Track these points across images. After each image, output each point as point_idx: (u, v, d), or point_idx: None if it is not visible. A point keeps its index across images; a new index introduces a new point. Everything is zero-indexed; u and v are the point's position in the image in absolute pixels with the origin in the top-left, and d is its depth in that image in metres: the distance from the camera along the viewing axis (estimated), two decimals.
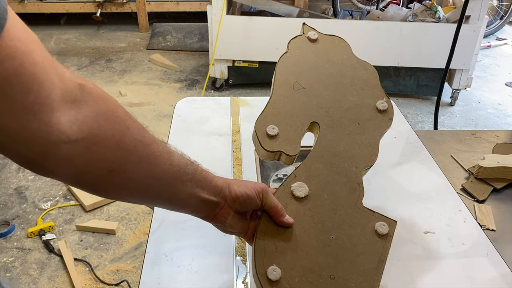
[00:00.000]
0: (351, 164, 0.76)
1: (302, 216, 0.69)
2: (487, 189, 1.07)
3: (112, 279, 1.82)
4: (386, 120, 0.84)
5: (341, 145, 0.79)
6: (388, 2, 4.32)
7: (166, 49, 4.04)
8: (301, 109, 0.83)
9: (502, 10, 4.49)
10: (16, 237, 2.01)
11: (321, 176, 0.75)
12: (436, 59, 3.04)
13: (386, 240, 0.68)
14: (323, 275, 0.64)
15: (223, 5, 2.97)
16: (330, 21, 3.42)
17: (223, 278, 0.75)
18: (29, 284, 1.79)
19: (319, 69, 0.90)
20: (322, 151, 0.78)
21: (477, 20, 2.94)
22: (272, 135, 0.77)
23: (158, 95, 3.27)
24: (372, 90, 0.88)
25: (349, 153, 0.78)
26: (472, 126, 2.99)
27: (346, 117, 0.83)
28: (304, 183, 0.72)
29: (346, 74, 0.91)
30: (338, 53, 0.95)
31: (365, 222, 0.70)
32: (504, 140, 1.28)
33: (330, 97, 0.85)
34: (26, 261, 1.89)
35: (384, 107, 0.85)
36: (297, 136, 0.79)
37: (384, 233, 0.69)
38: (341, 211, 0.71)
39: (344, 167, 0.76)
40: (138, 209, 2.17)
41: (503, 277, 0.77)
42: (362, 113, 0.84)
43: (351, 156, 0.78)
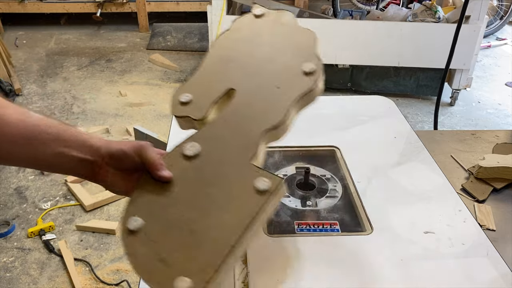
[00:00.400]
0: (252, 126, 0.74)
1: (186, 173, 0.68)
2: (487, 189, 1.07)
3: (112, 279, 1.82)
4: (311, 82, 0.78)
5: (251, 109, 0.76)
6: (388, 2, 4.32)
7: (166, 49, 4.04)
8: (221, 77, 0.81)
9: (502, 10, 4.49)
10: (16, 237, 2.01)
11: (219, 138, 0.73)
12: (436, 59, 3.04)
13: (265, 196, 0.64)
14: (184, 229, 0.62)
15: (223, 5, 2.97)
16: (330, 21, 3.42)
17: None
18: (29, 284, 1.79)
19: (254, 41, 0.87)
20: (228, 115, 0.76)
21: (477, 20, 2.94)
22: (184, 102, 0.77)
23: (158, 95, 3.27)
24: (303, 54, 0.83)
25: (256, 116, 0.75)
26: (472, 126, 2.99)
27: (266, 82, 0.79)
28: (196, 143, 0.71)
29: (280, 42, 0.87)
30: (280, 25, 0.90)
31: (247, 179, 0.66)
32: (504, 140, 1.28)
33: (255, 65, 0.83)
34: (26, 261, 1.89)
35: (312, 69, 0.78)
36: (208, 102, 0.77)
37: (263, 189, 0.64)
38: (227, 169, 0.69)
39: (245, 128, 0.74)
40: None
41: (503, 277, 0.77)
42: (285, 77, 0.80)
43: (255, 117, 0.75)
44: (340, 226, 0.89)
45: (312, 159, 1.09)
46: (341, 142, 1.12)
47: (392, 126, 1.21)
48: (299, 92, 0.77)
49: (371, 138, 1.15)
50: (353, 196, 0.96)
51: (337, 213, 0.93)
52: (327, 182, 1.02)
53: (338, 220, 0.91)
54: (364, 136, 1.16)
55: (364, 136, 1.16)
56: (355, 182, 0.98)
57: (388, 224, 0.86)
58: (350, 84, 3.31)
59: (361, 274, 0.76)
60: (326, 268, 0.77)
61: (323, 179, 1.02)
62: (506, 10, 4.48)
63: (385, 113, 1.28)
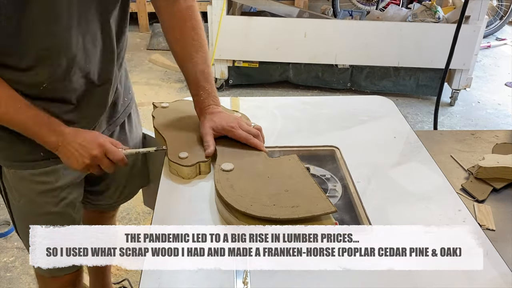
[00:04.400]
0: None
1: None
2: (486, 189, 1.07)
3: (113, 278, 1.82)
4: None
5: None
6: (388, 2, 4.33)
7: (167, 49, 4.04)
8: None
9: (502, 10, 4.49)
10: (17, 237, 2.00)
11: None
12: (436, 59, 3.05)
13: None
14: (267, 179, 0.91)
15: (223, 5, 2.97)
16: (330, 21, 3.42)
17: (223, 278, 0.76)
18: (30, 284, 1.79)
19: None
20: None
21: (477, 20, 2.94)
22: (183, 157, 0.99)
23: (158, 95, 3.28)
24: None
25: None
26: (472, 126, 3.00)
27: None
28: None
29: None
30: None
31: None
32: (504, 140, 1.28)
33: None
34: (26, 261, 1.89)
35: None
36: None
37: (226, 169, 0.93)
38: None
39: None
40: (139, 209, 2.17)
41: (503, 277, 0.77)
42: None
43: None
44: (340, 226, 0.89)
45: (312, 159, 1.09)
46: (341, 142, 1.13)
47: (392, 126, 1.21)
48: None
49: (371, 138, 1.15)
50: (353, 196, 0.96)
51: (337, 213, 0.93)
52: (327, 182, 1.02)
53: (338, 220, 0.91)
54: (364, 136, 1.16)
55: (364, 136, 1.16)
56: (355, 182, 0.99)
57: (388, 224, 0.87)
58: (350, 84, 3.32)
59: (361, 274, 0.76)
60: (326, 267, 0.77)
61: (323, 179, 1.03)
62: (506, 10, 4.48)
63: (385, 113, 1.29)
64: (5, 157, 0.99)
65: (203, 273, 0.76)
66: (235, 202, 0.84)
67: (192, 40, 1.04)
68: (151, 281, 0.75)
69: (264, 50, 3.17)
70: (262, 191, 0.87)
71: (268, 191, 0.87)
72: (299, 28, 3.09)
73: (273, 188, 0.88)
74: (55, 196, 1.03)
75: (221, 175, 0.92)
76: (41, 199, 1.02)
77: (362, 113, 1.27)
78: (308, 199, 0.84)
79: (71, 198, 1.07)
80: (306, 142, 1.13)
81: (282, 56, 3.19)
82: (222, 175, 0.92)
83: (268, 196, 0.85)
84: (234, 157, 0.98)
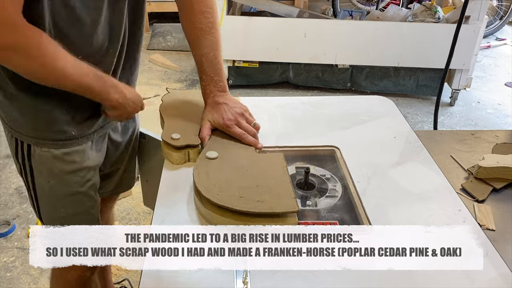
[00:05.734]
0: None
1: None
2: (486, 189, 1.07)
3: (113, 278, 1.82)
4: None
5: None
6: (388, 2, 4.32)
7: (167, 49, 4.04)
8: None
9: (502, 10, 4.49)
10: (17, 237, 2.01)
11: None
12: (436, 59, 3.05)
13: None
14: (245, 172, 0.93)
15: (223, 5, 2.97)
16: (330, 21, 3.42)
17: (223, 278, 0.76)
18: (30, 283, 1.79)
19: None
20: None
21: (477, 20, 2.94)
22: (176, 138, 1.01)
23: (158, 95, 3.28)
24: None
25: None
26: (471, 126, 3.00)
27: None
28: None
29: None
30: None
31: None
32: (504, 140, 1.28)
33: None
34: (26, 261, 1.89)
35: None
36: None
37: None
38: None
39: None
40: (139, 209, 2.17)
41: (503, 277, 0.77)
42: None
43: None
44: (340, 225, 0.89)
45: (312, 159, 1.09)
46: (341, 142, 1.13)
47: (392, 126, 1.21)
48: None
49: (371, 138, 1.15)
50: (352, 196, 0.96)
51: (337, 213, 0.93)
52: (327, 182, 1.02)
53: (338, 220, 0.91)
54: (364, 136, 1.16)
55: (364, 136, 1.16)
56: (355, 182, 0.99)
57: (388, 224, 0.87)
58: (350, 84, 3.32)
59: (361, 274, 0.76)
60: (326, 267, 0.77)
61: (323, 179, 1.03)
62: (505, 10, 4.48)
63: (385, 113, 1.29)
64: (41, 136, 1.00)
65: (203, 273, 0.77)
66: (204, 189, 0.86)
67: (200, 23, 1.06)
68: (151, 281, 0.75)
69: (264, 50, 3.17)
70: (234, 182, 0.89)
71: (239, 184, 0.89)
72: (299, 28, 3.09)
73: (246, 181, 0.89)
74: (82, 177, 1.06)
75: (201, 162, 0.95)
76: (70, 178, 1.05)
77: (362, 113, 1.27)
78: (275, 196, 0.85)
79: (94, 180, 1.10)
80: (306, 142, 1.13)
81: (282, 56, 3.19)
82: (202, 163, 0.95)
83: (238, 188, 0.87)
84: (222, 147, 1.01)
